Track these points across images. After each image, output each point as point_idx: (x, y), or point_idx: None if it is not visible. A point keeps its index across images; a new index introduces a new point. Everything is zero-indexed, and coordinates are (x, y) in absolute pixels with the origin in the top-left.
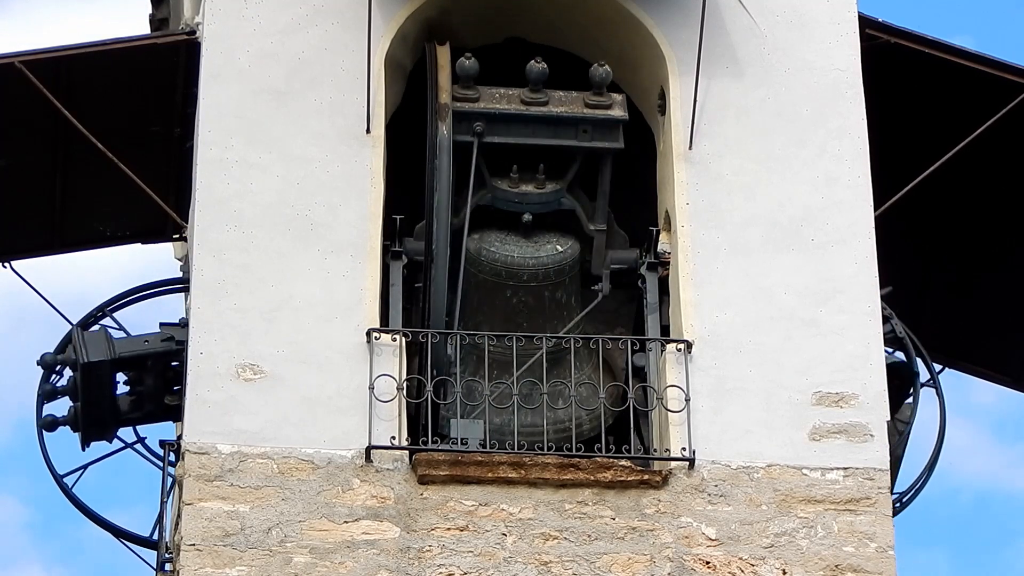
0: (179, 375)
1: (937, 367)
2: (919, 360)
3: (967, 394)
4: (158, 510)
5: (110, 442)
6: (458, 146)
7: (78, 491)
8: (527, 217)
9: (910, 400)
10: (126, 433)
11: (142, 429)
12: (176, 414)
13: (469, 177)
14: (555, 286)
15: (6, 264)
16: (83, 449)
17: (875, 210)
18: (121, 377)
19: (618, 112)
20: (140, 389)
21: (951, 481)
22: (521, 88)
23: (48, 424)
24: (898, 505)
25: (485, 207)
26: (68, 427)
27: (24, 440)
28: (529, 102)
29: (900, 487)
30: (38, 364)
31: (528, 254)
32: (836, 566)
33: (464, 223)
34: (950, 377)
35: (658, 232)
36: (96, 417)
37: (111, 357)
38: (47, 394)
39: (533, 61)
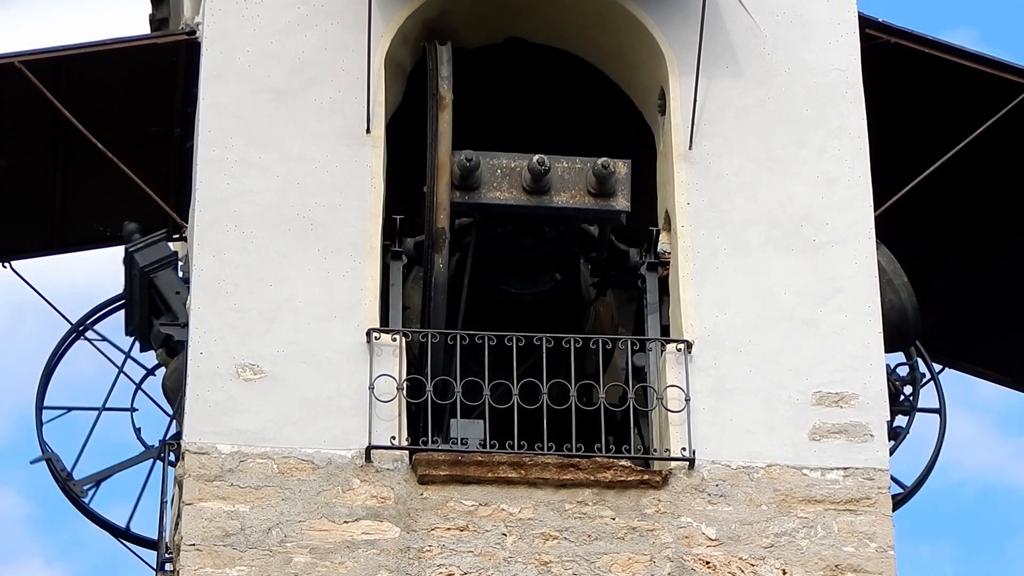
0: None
1: (937, 367)
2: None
3: (971, 388)
4: (158, 511)
5: (143, 350)
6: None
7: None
8: (526, 264)
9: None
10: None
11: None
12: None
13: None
14: (553, 310)
15: (6, 264)
16: (126, 334)
17: (875, 210)
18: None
19: (621, 203)
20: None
21: (955, 475)
22: (525, 154)
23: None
24: (905, 494)
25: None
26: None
27: (25, 434)
28: (531, 191)
29: (901, 484)
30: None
31: (527, 289)
32: (836, 566)
33: (467, 262)
34: (951, 375)
35: (658, 232)
36: (133, 315)
37: (144, 269)
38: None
39: (536, 162)
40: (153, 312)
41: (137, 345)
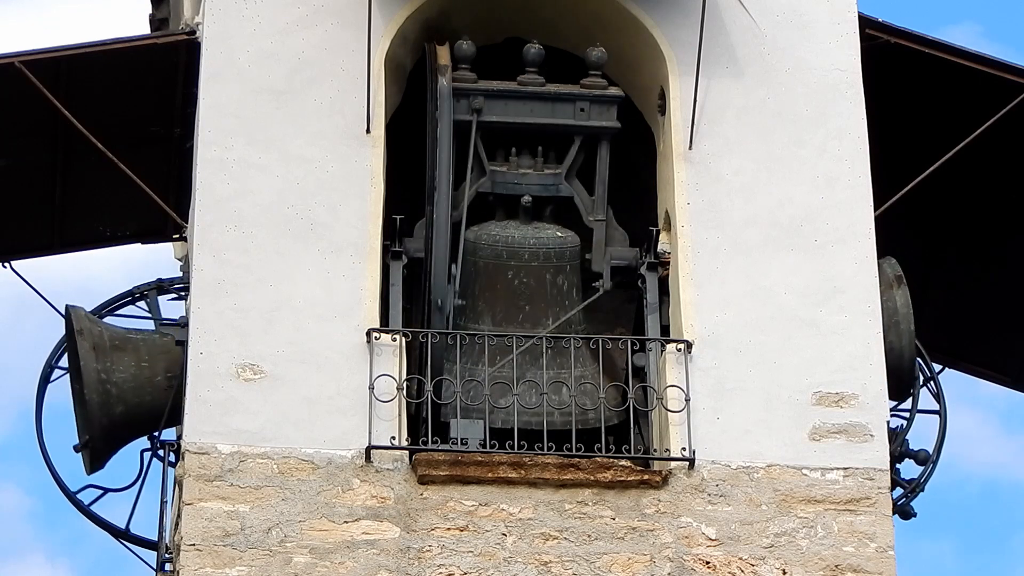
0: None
1: (937, 367)
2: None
3: (974, 384)
4: (158, 511)
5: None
6: (457, 127)
7: (77, 486)
8: (526, 199)
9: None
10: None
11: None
12: None
13: (468, 159)
14: (556, 270)
15: (6, 264)
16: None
17: (875, 210)
18: None
19: (615, 90)
20: None
21: (958, 471)
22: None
23: None
24: (911, 492)
25: (484, 195)
26: None
27: (26, 429)
28: (526, 83)
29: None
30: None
31: (529, 235)
32: (836, 566)
33: (463, 211)
34: (951, 374)
35: (658, 232)
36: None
37: None
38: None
39: (529, 44)
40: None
41: None
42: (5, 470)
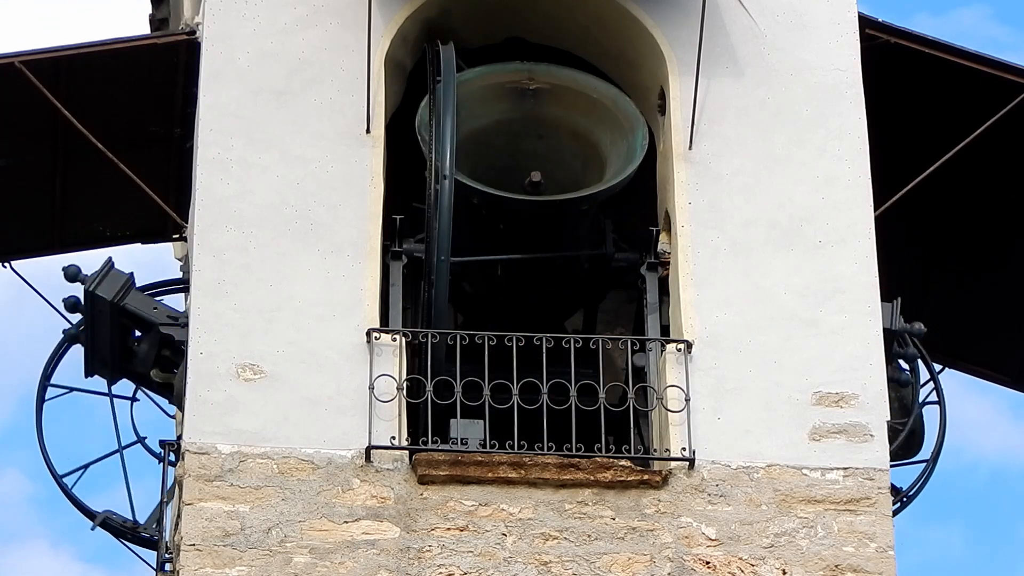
0: (173, 359)
1: (937, 367)
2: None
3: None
4: (157, 510)
5: (110, 384)
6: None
7: (78, 488)
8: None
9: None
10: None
11: (143, 428)
12: (167, 392)
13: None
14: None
15: (6, 264)
16: (86, 376)
17: (875, 210)
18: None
19: None
20: (137, 350)
21: (967, 457)
22: None
23: (71, 338)
24: (902, 502)
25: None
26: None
27: (27, 414)
28: None
29: (904, 481)
30: (63, 270)
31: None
32: (836, 566)
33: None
34: (951, 374)
35: (658, 232)
36: (100, 352)
37: (113, 300)
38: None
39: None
40: (124, 340)
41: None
42: (7, 455)
